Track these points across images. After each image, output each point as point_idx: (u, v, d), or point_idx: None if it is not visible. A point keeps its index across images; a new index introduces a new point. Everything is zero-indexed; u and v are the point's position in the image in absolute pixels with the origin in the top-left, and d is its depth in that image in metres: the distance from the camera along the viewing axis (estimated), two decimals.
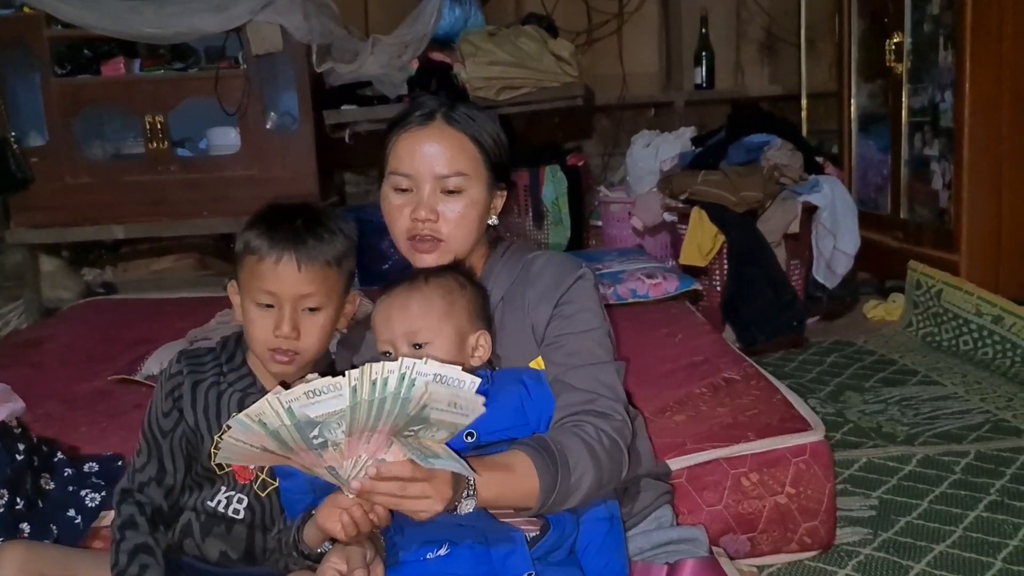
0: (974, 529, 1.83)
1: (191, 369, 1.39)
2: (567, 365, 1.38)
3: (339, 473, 1.11)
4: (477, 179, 1.40)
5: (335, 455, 1.09)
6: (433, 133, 1.39)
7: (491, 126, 1.44)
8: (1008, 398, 2.58)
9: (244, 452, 1.10)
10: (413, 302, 1.32)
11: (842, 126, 3.91)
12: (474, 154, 1.40)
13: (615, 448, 1.33)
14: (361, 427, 1.07)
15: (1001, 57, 2.98)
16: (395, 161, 1.40)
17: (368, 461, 1.10)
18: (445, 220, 1.39)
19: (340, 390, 1.04)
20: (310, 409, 1.05)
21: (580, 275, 1.44)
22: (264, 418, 1.05)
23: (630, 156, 3.70)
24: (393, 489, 1.11)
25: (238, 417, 1.06)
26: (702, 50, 4.43)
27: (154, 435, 1.39)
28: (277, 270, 1.28)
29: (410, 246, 1.41)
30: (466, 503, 1.18)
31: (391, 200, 1.41)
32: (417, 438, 1.11)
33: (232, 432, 1.07)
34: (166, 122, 3.63)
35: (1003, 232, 3.09)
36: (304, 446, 1.08)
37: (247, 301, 1.32)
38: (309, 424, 1.05)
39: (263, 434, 1.06)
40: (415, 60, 3.86)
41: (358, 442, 1.09)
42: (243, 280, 1.33)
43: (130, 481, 1.38)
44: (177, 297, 3.51)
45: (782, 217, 3.04)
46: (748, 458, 1.70)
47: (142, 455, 1.38)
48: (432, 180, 1.38)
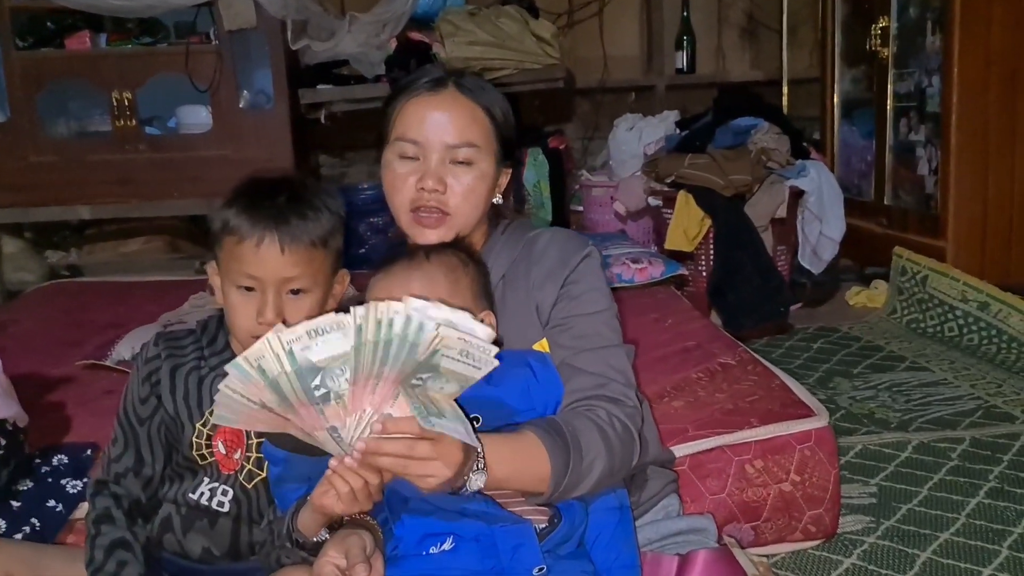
0: (976, 516, 1.80)
1: (169, 353, 1.30)
2: (576, 348, 1.32)
3: (341, 434, 1.04)
4: (487, 152, 1.33)
5: (338, 410, 1.02)
6: (444, 100, 1.32)
7: (501, 99, 1.37)
8: (998, 384, 2.57)
9: (241, 409, 1.02)
10: (414, 280, 1.25)
11: (825, 112, 3.88)
12: (486, 125, 1.33)
13: (627, 434, 1.27)
14: (366, 373, 1.00)
15: (989, 42, 2.96)
16: (402, 126, 1.32)
17: (373, 416, 1.03)
18: (452, 192, 1.31)
19: (344, 328, 0.97)
20: (312, 352, 0.98)
21: (587, 253, 1.38)
22: (263, 363, 0.98)
23: (613, 140, 3.64)
24: (400, 448, 1.03)
25: (235, 361, 0.98)
26: (684, 34, 4.38)
27: (130, 423, 1.30)
28: (259, 252, 1.19)
29: (412, 218, 1.33)
30: (475, 478, 1.11)
31: (395, 168, 1.33)
32: (425, 389, 1.03)
33: (229, 381, 0.99)
34: (134, 99, 3.50)
35: (989, 218, 3.09)
36: (305, 399, 1.00)
37: (227, 284, 1.24)
38: (311, 371, 0.98)
39: (262, 384, 0.99)
40: (393, 39, 3.76)
41: (363, 391, 1.01)
42: (223, 262, 1.24)
43: (105, 472, 1.30)
44: (147, 280, 3.39)
45: (770, 201, 2.99)
46: (752, 445, 1.65)
47: (118, 444, 1.30)
48: (441, 149, 1.31)
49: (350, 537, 1.13)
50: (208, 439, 1.28)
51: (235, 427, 1.06)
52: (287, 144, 3.60)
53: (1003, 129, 3.02)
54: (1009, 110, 3.01)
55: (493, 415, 1.23)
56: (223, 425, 1.06)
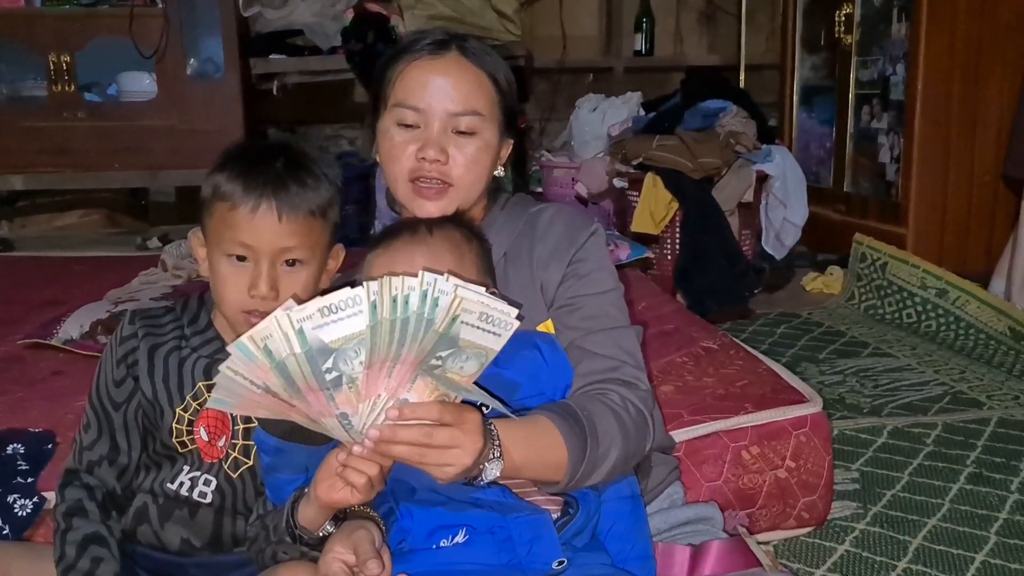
0: (960, 502, 1.80)
1: (147, 331, 1.19)
2: (585, 329, 1.25)
3: (352, 422, 0.95)
4: (491, 121, 1.25)
5: (350, 396, 0.93)
6: (448, 65, 1.23)
7: (505, 66, 1.29)
8: (960, 370, 2.60)
9: (242, 394, 0.93)
10: (418, 255, 1.16)
11: (784, 98, 3.89)
12: (490, 93, 1.25)
13: (641, 419, 1.21)
14: (382, 355, 0.92)
15: (955, 31, 2.99)
16: (402, 92, 1.23)
17: (388, 402, 0.95)
18: (455, 163, 1.23)
19: (359, 304, 0.89)
20: (324, 331, 0.89)
21: (593, 230, 1.31)
22: (270, 343, 0.89)
23: (575, 120, 3.58)
24: (417, 436, 0.95)
25: (240, 340, 0.89)
26: (643, 16, 4.34)
27: (104, 407, 1.19)
28: (254, 219, 1.10)
29: (412, 189, 1.25)
30: (491, 466, 1.04)
31: (393, 136, 1.25)
32: (444, 371, 0.95)
33: (231, 362, 0.90)
34: (73, 63, 3.31)
35: (948, 206, 3.13)
36: (315, 384, 0.91)
37: (216, 254, 1.14)
38: (323, 352, 0.90)
39: (268, 366, 0.90)
40: (350, 10, 3.64)
41: (378, 375, 0.93)
42: (211, 230, 1.14)
43: (77, 460, 1.19)
44: (85, 256, 3.21)
45: (737, 185, 2.98)
46: (749, 430, 1.61)
47: (91, 430, 1.19)
48: (444, 117, 1.22)
49: (358, 531, 1.04)
50: (189, 425, 1.18)
51: (232, 412, 0.96)
52: (238, 115, 3.46)
53: (965, 118, 3.06)
54: (971, 99, 3.05)
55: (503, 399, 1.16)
56: (219, 409, 0.96)
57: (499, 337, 0.96)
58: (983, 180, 3.10)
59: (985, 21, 3.00)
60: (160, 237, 3.54)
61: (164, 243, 3.45)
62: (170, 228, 3.68)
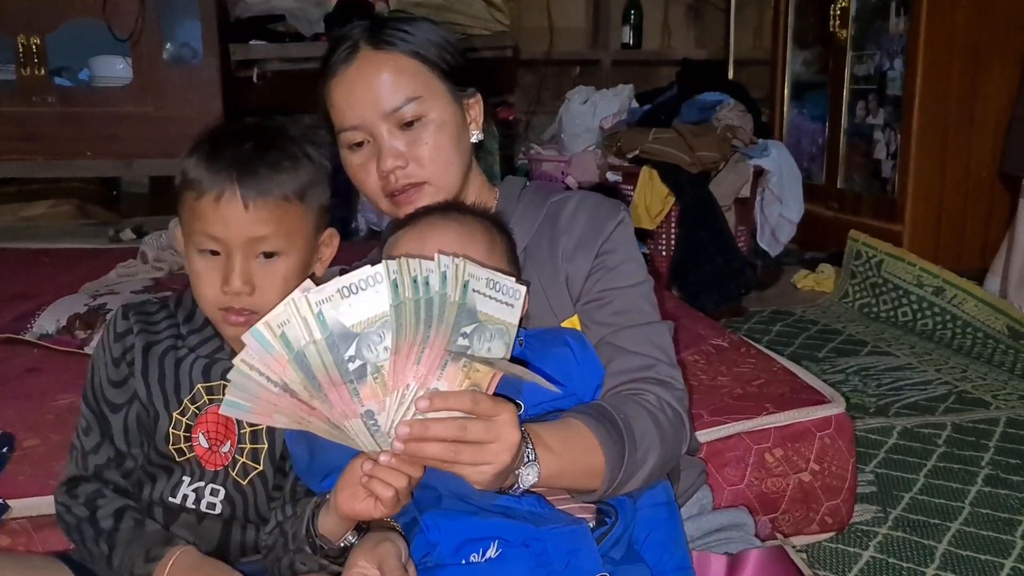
0: (980, 505, 1.75)
1: (142, 327, 1.09)
2: (616, 325, 1.17)
3: (378, 420, 0.87)
4: (433, 98, 1.15)
5: (375, 388, 0.85)
6: (362, 66, 1.14)
7: (426, 29, 1.18)
8: (962, 369, 2.56)
9: (259, 394, 0.84)
10: (451, 230, 1.08)
11: (775, 93, 3.84)
12: (418, 70, 1.15)
13: (678, 420, 1.14)
14: (409, 338, 0.84)
15: (954, 27, 2.96)
16: (336, 116, 1.15)
17: (418, 391, 0.87)
18: (417, 160, 1.15)
19: (379, 283, 0.83)
20: (346, 314, 0.82)
21: (621, 219, 1.23)
22: (288, 330, 0.82)
23: (566, 112, 3.50)
24: (450, 431, 0.87)
25: (255, 328, 0.81)
26: (630, 8, 4.27)
27: (101, 410, 1.10)
28: (219, 208, 0.99)
29: (391, 204, 1.17)
30: (527, 472, 0.96)
31: (351, 161, 1.17)
32: (474, 352, 0.88)
33: (246, 355, 0.82)
34: (43, 45, 3.16)
35: (945, 203, 3.10)
36: (337, 376, 0.84)
37: (190, 249, 1.04)
38: (345, 338, 0.83)
39: (285, 358, 0.82)
40: None
41: (406, 361, 0.85)
42: (183, 222, 1.04)
43: (81, 467, 1.09)
44: (56, 247, 3.07)
45: (735, 180, 2.92)
46: (772, 432, 1.55)
47: (91, 434, 1.09)
48: (383, 119, 1.13)
49: (383, 544, 0.96)
50: (187, 431, 1.07)
51: (248, 418, 0.87)
52: (216, 102, 3.33)
53: (963, 114, 3.03)
54: (970, 95, 3.02)
55: (532, 402, 1.08)
56: (233, 415, 0.86)
57: (512, 308, 0.90)
58: (980, 177, 3.07)
59: (985, 17, 2.97)
60: (134, 228, 3.41)
61: (138, 235, 3.31)
62: (144, 219, 3.54)
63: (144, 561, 1.02)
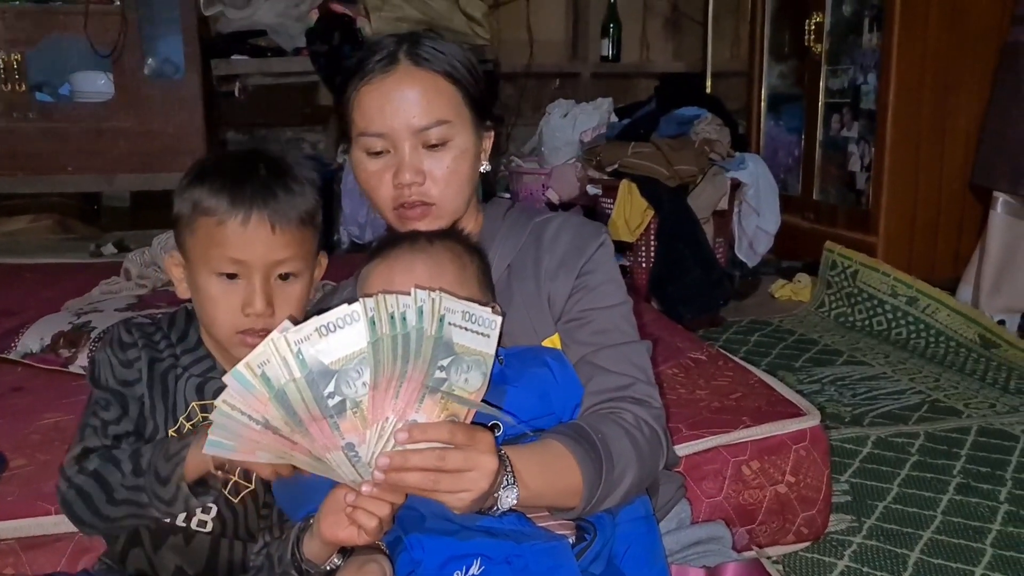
0: (952, 513, 1.79)
1: (145, 343, 1.12)
2: (596, 345, 1.21)
3: (359, 452, 0.90)
4: (461, 124, 1.18)
5: (355, 423, 0.88)
6: (401, 79, 1.15)
7: (462, 55, 1.21)
8: (935, 378, 2.61)
9: (241, 433, 0.87)
10: (419, 264, 1.11)
11: (751, 106, 3.89)
12: (452, 94, 1.18)
13: (655, 438, 1.17)
14: (387, 373, 0.87)
15: (926, 42, 3.02)
16: (362, 120, 1.17)
17: (397, 424, 0.89)
18: (433, 180, 1.17)
19: (357, 321, 0.85)
20: (324, 352, 0.85)
21: (602, 241, 1.27)
22: (268, 369, 0.84)
23: (546, 125, 3.53)
24: (429, 460, 0.90)
25: (235, 370, 0.84)
26: (610, 21, 4.32)
27: (121, 392, 1.09)
28: (246, 233, 1.03)
29: (397, 215, 1.19)
30: (507, 494, 0.98)
31: (367, 167, 1.19)
32: (451, 386, 0.91)
33: (227, 396, 0.85)
34: (24, 61, 3.16)
35: (918, 215, 3.16)
36: (317, 411, 0.86)
37: (203, 274, 1.06)
38: (324, 375, 0.85)
39: (266, 396, 0.85)
40: (314, 10, 3.55)
41: (384, 396, 0.88)
42: (195, 248, 1.07)
43: (100, 435, 1.07)
44: (36, 263, 3.07)
45: (712, 193, 2.96)
46: (748, 445, 1.58)
47: (112, 408, 1.09)
48: (411, 136, 1.16)
49: (368, 565, 0.98)
50: None
51: (232, 458, 0.90)
52: (198, 117, 3.35)
53: (935, 127, 3.09)
54: (941, 109, 3.08)
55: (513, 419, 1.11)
56: (217, 454, 0.89)
57: (488, 338, 0.93)
58: (952, 189, 3.14)
59: (955, 33, 3.03)
60: (115, 243, 3.41)
61: (120, 249, 3.31)
62: (125, 234, 3.54)
63: (165, 460, 1.01)
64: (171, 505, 1.01)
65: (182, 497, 1.01)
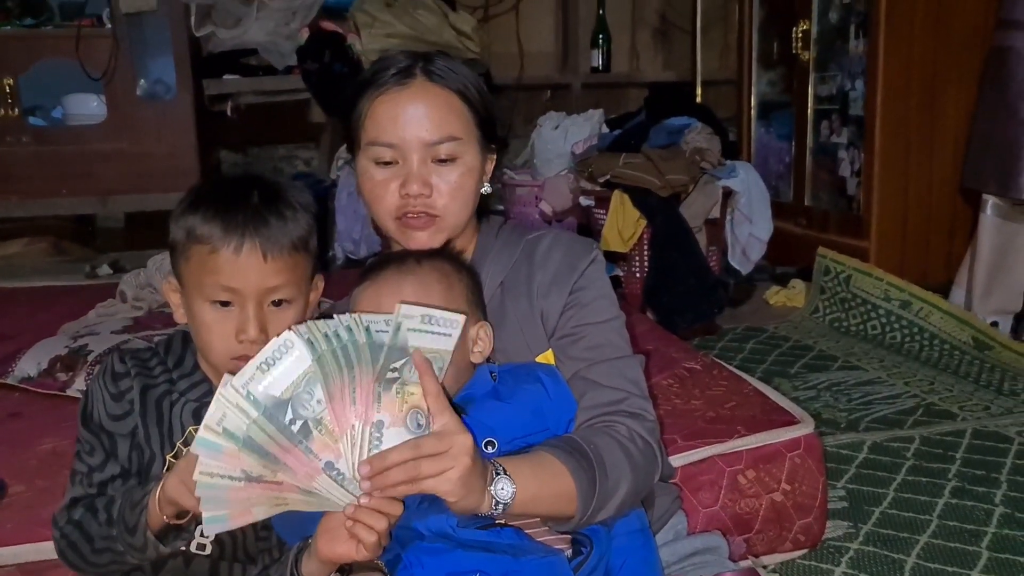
0: (948, 517, 1.80)
1: (139, 371, 1.12)
2: (589, 360, 1.22)
3: (341, 469, 0.92)
4: (470, 142, 1.21)
5: (324, 440, 0.90)
6: (416, 93, 1.17)
7: (473, 76, 1.24)
8: (929, 382, 2.62)
9: (229, 495, 0.89)
10: (406, 286, 1.12)
11: (741, 114, 3.92)
12: (464, 113, 1.20)
13: (648, 451, 1.18)
14: (338, 383, 0.90)
15: (912, 48, 3.04)
16: (374, 129, 1.19)
17: (364, 429, 0.92)
18: (439, 193, 1.19)
19: (292, 346, 0.88)
20: (272, 386, 0.88)
21: (594, 257, 1.28)
22: (227, 423, 0.87)
23: (538, 138, 3.55)
24: (406, 452, 0.92)
25: (199, 438, 0.86)
26: (599, 32, 4.35)
27: (107, 433, 1.11)
28: (238, 261, 1.04)
29: (400, 225, 1.20)
30: (501, 486, 0.99)
31: (373, 175, 1.20)
32: (403, 383, 0.94)
33: (202, 466, 0.87)
34: (16, 86, 3.17)
35: (909, 219, 3.18)
36: (286, 442, 0.88)
37: (198, 301, 1.07)
38: (279, 406, 0.88)
39: (235, 449, 0.87)
40: (305, 28, 3.57)
41: (342, 406, 0.91)
42: (189, 276, 1.07)
43: (85, 485, 1.09)
44: (32, 286, 3.08)
45: (704, 202, 2.98)
46: (744, 454, 1.59)
47: (96, 453, 1.10)
48: (421, 148, 1.18)
49: None
50: None
51: (231, 526, 0.91)
52: (190, 137, 3.36)
53: (923, 131, 3.11)
54: (929, 113, 3.11)
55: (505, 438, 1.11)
56: (218, 531, 0.92)
57: (449, 337, 0.96)
58: (942, 192, 3.16)
59: (940, 38, 3.06)
60: (110, 264, 3.41)
61: (115, 270, 3.32)
62: (120, 255, 3.55)
63: (131, 509, 1.02)
64: (143, 552, 1.02)
65: (151, 544, 1.01)
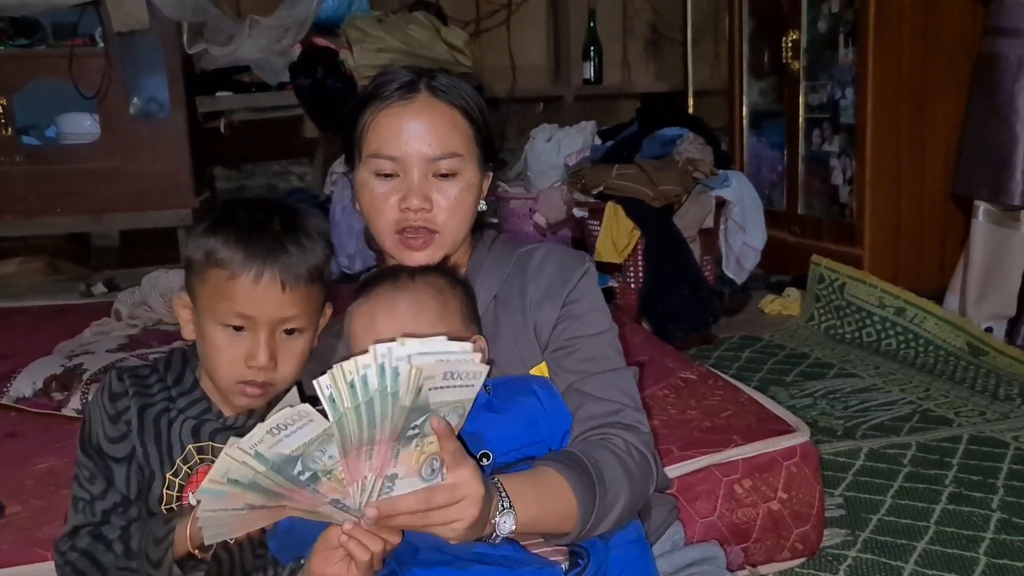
0: (945, 523, 1.80)
1: (136, 390, 1.12)
2: (583, 372, 1.22)
3: (347, 504, 0.91)
4: (470, 159, 1.22)
5: (333, 485, 0.89)
6: (420, 108, 1.18)
7: (475, 93, 1.25)
8: (925, 388, 2.63)
9: (231, 520, 0.90)
10: (401, 303, 1.13)
11: (733, 123, 3.93)
12: (465, 130, 1.21)
13: (644, 463, 1.18)
14: (356, 443, 0.87)
15: (900, 56, 3.07)
16: (376, 142, 1.19)
17: (376, 482, 0.90)
18: (439, 208, 1.20)
19: (306, 417, 0.84)
20: (281, 446, 0.85)
21: (586, 269, 1.29)
22: (232, 474, 0.85)
23: (531, 150, 3.56)
24: (416, 503, 0.92)
25: (202, 487, 0.85)
26: (590, 44, 4.37)
27: (104, 460, 1.11)
28: (256, 290, 1.04)
29: (398, 241, 1.21)
30: (504, 520, 0.99)
31: (373, 188, 1.21)
32: (423, 437, 0.91)
33: (205, 505, 0.87)
34: (10, 105, 3.18)
35: (902, 226, 3.19)
36: (292, 486, 0.88)
37: (210, 323, 1.07)
38: (288, 461, 0.86)
39: (240, 492, 0.86)
40: (297, 45, 3.58)
41: (357, 461, 0.88)
42: (204, 297, 1.08)
43: (88, 513, 1.09)
44: (27, 306, 3.07)
45: (698, 212, 2.99)
46: (740, 463, 1.59)
47: (97, 481, 1.10)
48: (422, 163, 1.19)
49: None
50: (180, 491, 1.11)
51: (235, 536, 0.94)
52: (185, 155, 3.36)
53: (914, 139, 3.13)
54: (919, 121, 3.13)
55: (501, 451, 1.12)
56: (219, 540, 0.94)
57: (471, 387, 0.92)
58: (933, 199, 3.18)
59: (929, 46, 3.08)
60: (105, 282, 3.41)
61: (110, 288, 3.32)
62: (114, 273, 3.55)
63: (155, 545, 1.04)
64: None
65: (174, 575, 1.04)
